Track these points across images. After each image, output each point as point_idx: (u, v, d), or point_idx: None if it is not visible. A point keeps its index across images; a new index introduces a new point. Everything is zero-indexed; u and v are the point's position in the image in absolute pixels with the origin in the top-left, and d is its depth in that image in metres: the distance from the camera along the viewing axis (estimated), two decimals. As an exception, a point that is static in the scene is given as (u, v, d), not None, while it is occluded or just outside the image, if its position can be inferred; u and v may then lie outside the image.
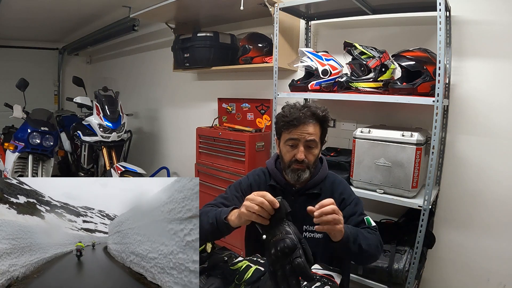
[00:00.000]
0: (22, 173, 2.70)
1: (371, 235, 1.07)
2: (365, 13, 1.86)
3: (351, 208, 1.15)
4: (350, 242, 0.97)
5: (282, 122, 1.16)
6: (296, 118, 1.12)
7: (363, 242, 1.00)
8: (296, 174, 1.15)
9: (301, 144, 1.13)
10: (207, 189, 2.36)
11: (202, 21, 2.70)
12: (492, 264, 1.66)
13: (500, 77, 1.60)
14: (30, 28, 3.73)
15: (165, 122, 3.49)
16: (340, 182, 1.24)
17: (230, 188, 1.27)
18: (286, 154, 1.16)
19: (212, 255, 1.19)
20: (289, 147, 1.15)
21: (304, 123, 1.13)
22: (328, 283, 0.99)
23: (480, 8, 1.62)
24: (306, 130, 1.13)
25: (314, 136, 1.14)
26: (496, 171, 1.63)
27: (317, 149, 1.17)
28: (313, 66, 1.78)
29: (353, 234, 0.99)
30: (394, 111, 1.86)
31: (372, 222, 1.12)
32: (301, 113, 1.13)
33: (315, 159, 1.18)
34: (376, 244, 1.06)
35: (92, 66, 4.80)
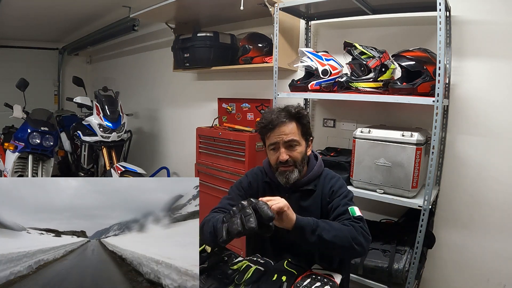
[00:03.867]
0: (22, 173, 2.70)
1: (345, 227, 1.04)
2: (365, 13, 1.86)
3: (338, 200, 1.15)
4: (306, 231, 0.98)
5: (259, 129, 1.21)
6: (270, 121, 1.16)
7: (325, 233, 0.99)
8: (285, 177, 1.18)
9: (281, 145, 1.16)
10: (207, 189, 2.36)
11: (202, 21, 2.70)
12: (492, 264, 1.66)
13: (500, 77, 1.60)
14: (30, 28, 3.73)
15: (165, 122, 3.48)
16: (332, 176, 1.24)
17: (232, 189, 1.30)
18: (271, 158, 1.20)
19: (212, 255, 1.19)
20: (272, 151, 1.19)
21: (278, 124, 1.15)
22: (328, 283, 0.99)
23: (480, 8, 1.62)
24: (282, 131, 1.16)
25: (292, 135, 1.16)
26: (496, 171, 1.63)
27: (300, 146, 1.18)
28: (313, 66, 1.78)
29: (310, 224, 0.99)
30: (394, 111, 1.86)
31: (356, 212, 1.09)
32: (274, 115, 1.16)
33: (301, 157, 1.18)
34: (352, 236, 1.01)
35: (92, 66, 4.80)
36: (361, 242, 1.03)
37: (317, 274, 1.04)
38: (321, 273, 1.05)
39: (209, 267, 1.13)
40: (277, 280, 1.03)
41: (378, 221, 1.84)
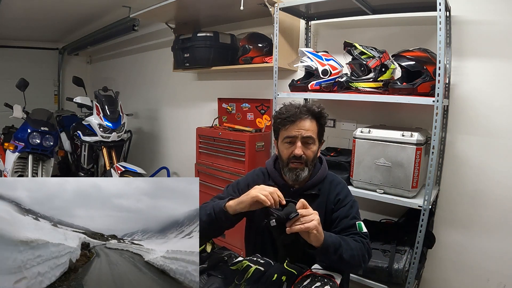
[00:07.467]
0: (22, 173, 2.70)
1: (357, 244, 1.05)
2: (365, 13, 1.86)
3: (344, 210, 1.14)
4: (330, 251, 0.98)
5: (279, 119, 1.17)
6: (292, 114, 1.14)
7: (345, 252, 0.99)
8: (295, 173, 1.15)
9: (298, 140, 1.14)
10: (207, 189, 2.36)
11: (202, 21, 2.70)
12: (492, 264, 1.66)
13: (500, 77, 1.60)
14: (30, 28, 3.73)
15: (165, 122, 3.48)
16: (338, 183, 1.23)
17: (227, 188, 1.28)
18: (284, 152, 1.17)
19: (212, 255, 1.19)
20: (287, 144, 1.16)
21: (300, 119, 1.14)
22: (328, 283, 0.99)
23: (480, 8, 1.62)
24: (302, 126, 1.14)
25: (311, 133, 1.15)
26: (496, 171, 1.63)
27: (315, 145, 1.17)
28: (313, 66, 1.78)
29: (334, 244, 0.99)
30: (394, 111, 1.86)
31: (363, 228, 1.10)
32: (297, 109, 1.15)
33: (313, 157, 1.18)
34: (362, 254, 1.04)
35: (92, 66, 4.80)
36: (366, 260, 1.06)
37: (317, 274, 1.03)
38: (321, 273, 1.05)
39: (209, 267, 1.13)
40: (277, 280, 1.03)
41: (378, 221, 1.84)
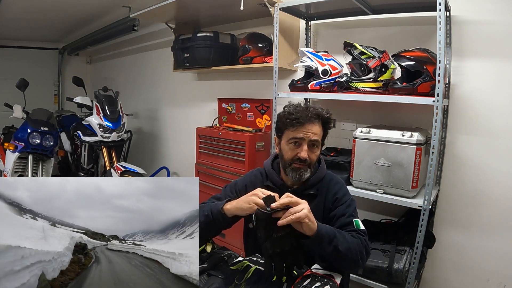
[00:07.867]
0: (22, 173, 2.70)
1: (354, 239, 1.04)
2: (365, 13, 1.86)
3: (342, 209, 1.14)
4: (324, 241, 0.97)
5: (287, 119, 1.15)
6: (302, 116, 1.13)
7: (341, 245, 0.98)
8: (298, 174, 1.15)
9: (305, 143, 1.13)
10: (207, 189, 2.36)
11: (202, 21, 2.70)
12: (492, 264, 1.66)
13: (500, 77, 1.60)
14: (30, 28, 3.73)
15: (165, 122, 3.48)
16: (336, 182, 1.23)
17: (225, 189, 1.28)
18: (288, 152, 1.16)
19: (212, 255, 1.19)
20: (292, 145, 1.15)
21: (310, 122, 1.13)
22: (328, 283, 0.99)
23: (480, 8, 1.62)
24: (311, 129, 1.14)
25: (318, 137, 1.15)
26: (496, 171, 1.63)
27: (318, 149, 1.18)
28: (313, 66, 1.78)
29: (329, 234, 0.98)
30: (394, 111, 1.86)
31: (361, 225, 1.10)
32: (308, 112, 1.14)
33: (316, 160, 1.18)
34: (359, 250, 1.02)
35: (92, 66, 4.80)
36: (364, 256, 1.04)
37: (317, 274, 1.03)
38: (321, 273, 1.05)
39: (209, 267, 1.13)
40: (277, 280, 1.03)
41: (378, 221, 1.84)
